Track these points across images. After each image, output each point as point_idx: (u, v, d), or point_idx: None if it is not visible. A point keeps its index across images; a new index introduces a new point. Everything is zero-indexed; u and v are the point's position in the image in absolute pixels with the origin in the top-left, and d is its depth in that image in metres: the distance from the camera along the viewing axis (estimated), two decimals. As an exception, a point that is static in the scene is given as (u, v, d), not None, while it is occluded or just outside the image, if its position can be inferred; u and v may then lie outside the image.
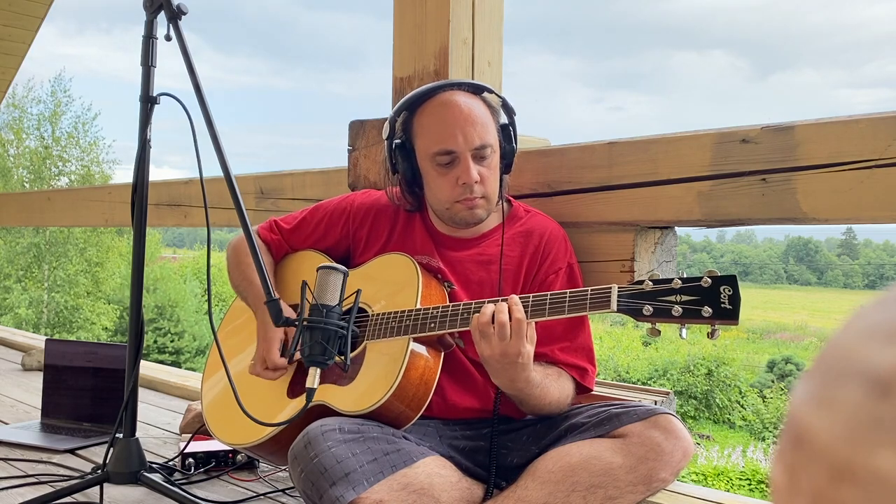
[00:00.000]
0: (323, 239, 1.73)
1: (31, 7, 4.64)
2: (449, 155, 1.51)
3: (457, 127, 1.50)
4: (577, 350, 1.56)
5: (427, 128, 1.54)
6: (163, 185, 3.32)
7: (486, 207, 1.56)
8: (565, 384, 1.53)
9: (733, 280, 1.22)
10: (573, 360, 1.55)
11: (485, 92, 1.59)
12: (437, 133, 1.52)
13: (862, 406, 0.26)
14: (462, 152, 1.50)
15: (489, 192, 1.55)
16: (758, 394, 23.24)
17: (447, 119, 1.51)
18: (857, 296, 63.93)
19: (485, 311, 1.34)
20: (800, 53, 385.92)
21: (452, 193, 1.53)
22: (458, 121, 1.51)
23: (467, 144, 1.50)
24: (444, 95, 1.55)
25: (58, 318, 21.92)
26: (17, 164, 22.83)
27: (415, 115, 1.57)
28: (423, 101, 1.56)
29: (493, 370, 1.38)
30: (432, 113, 1.54)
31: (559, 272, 1.60)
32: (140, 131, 1.65)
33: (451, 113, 1.52)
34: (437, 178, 1.54)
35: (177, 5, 1.55)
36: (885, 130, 1.34)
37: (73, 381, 2.42)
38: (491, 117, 1.56)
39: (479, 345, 1.35)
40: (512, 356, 1.32)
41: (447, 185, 1.53)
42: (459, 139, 1.50)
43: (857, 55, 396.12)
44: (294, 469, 1.34)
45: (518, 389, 1.40)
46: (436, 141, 1.52)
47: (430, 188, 1.58)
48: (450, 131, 1.50)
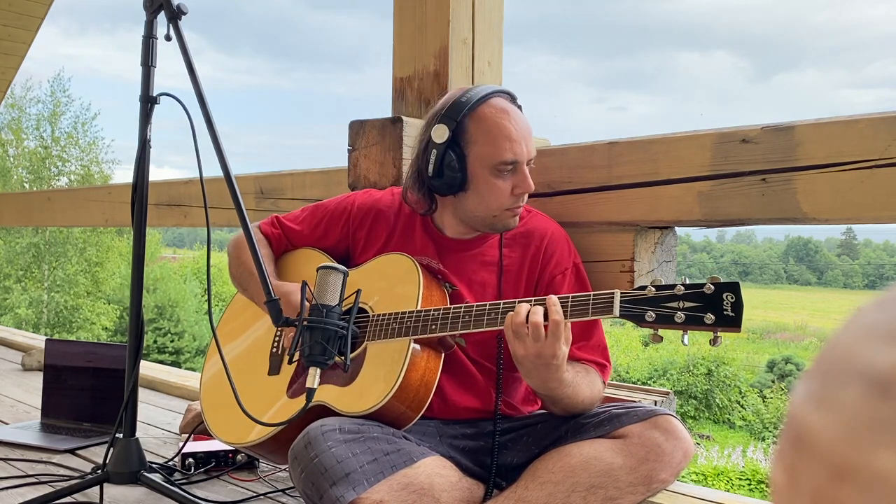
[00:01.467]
0: (323, 238, 1.73)
1: (31, 7, 4.64)
2: (512, 164, 1.51)
3: (521, 137, 1.52)
4: (593, 348, 1.56)
5: (488, 135, 1.51)
6: (163, 185, 3.32)
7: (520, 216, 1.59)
8: (595, 380, 1.52)
9: (736, 287, 1.22)
10: (592, 357, 1.55)
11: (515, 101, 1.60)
12: (502, 142, 1.50)
13: (862, 406, 0.26)
14: (522, 162, 1.52)
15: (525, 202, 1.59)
16: (758, 394, 23.24)
17: (510, 128, 1.51)
18: (857, 296, 63.95)
19: (519, 311, 1.33)
20: (803, 54, 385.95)
21: (507, 201, 1.53)
22: (521, 131, 1.52)
23: (528, 154, 1.53)
24: (499, 101, 1.54)
25: (58, 318, 21.92)
26: (16, 164, 22.84)
27: (469, 121, 1.53)
28: (476, 107, 1.53)
29: (525, 370, 1.36)
30: (492, 120, 1.52)
31: (566, 272, 1.60)
32: (140, 131, 1.65)
33: (512, 122, 1.52)
34: (493, 186, 1.52)
35: (177, 5, 1.56)
36: (885, 130, 1.34)
37: (73, 381, 2.42)
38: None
39: (512, 345, 1.34)
40: (547, 357, 1.31)
41: (503, 194, 1.53)
42: (523, 149, 1.52)
43: (859, 55, 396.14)
44: (294, 469, 1.34)
45: (550, 389, 1.39)
46: (501, 150, 1.50)
47: (482, 195, 1.54)
48: (514, 141, 1.51)
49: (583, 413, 1.50)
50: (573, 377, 1.42)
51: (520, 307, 1.33)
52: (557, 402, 1.45)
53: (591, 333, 1.56)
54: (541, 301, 1.34)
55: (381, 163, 2.13)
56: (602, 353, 1.58)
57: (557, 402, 1.45)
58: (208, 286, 1.59)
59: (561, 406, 1.47)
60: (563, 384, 1.38)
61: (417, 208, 1.64)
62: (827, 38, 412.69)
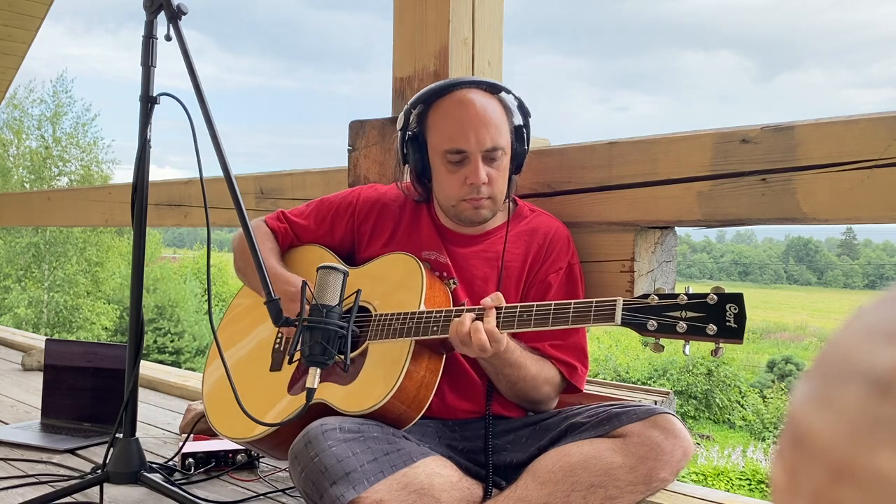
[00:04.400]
0: (329, 233, 1.74)
1: (31, 7, 4.64)
2: (460, 154, 1.52)
3: (470, 127, 1.51)
4: (568, 348, 1.56)
5: (441, 124, 1.55)
6: (163, 184, 3.32)
7: (491, 208, 1.57)
8: (546, 366, 1.54)
9: (739, 298, 1.21)
10: (563, 356, 1.56)
11: (502, 92, 1.59)
12: (451, 131, 1.53)
13: (862, 406, 0.26)
14: (473, 153, 1.51)
15: (496, 194, 1.56)
16: (758, 394, 23.24)
17: (462, 118, 1.52)
18: (857, 296, 63.93)
19: (464, 321, 1.38)
20: (807, 53, 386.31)
21: (460, 192, 1.55)
22: (472, 121, 1.51)
23: (479, 146, 1.51)
24: (462, 93, 1.55)
25: (57, 318, 21.92)
26: (16, 164, 22.84)
27: (430, 109, 1.57)
28: (440, 96, 1.56)
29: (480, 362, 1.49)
30: (448, 110, 1.54)
31: (560, 271, 1.60)
32: (140, 131, 1.65)
33: (467, 112, 1.52)
34: (445, 175, 1.55)
35: (177, 5, 1.56)
36: (885, 130, 1.34)
37: (73, 381, 2.42)
38: (505, 118, 1.57)
39: (461, 349, 1.41)
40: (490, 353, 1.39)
41: (455, 183, 1.54)
42: (472, 139, 1.51)
43: (864, 55, 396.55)
44: (294, 468, 1.34)
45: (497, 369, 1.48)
46: (448, 139, 1.53)
47: (439, 183, 1.59)
48: (463, 130, 1.51)
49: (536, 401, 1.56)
50: (519, 357, 1.47)
51: (464, 317, 1.39)
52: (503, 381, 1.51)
53: (567, 333, 1.55)
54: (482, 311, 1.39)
55: (381, 163, 2.14)
56: (577, 354, 1.58)
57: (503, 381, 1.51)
58: (208, 286, 1.59)
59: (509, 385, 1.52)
60: (510, 365, 1.47)
61: (410, 195, 1.69)
62: (831, 37, 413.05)
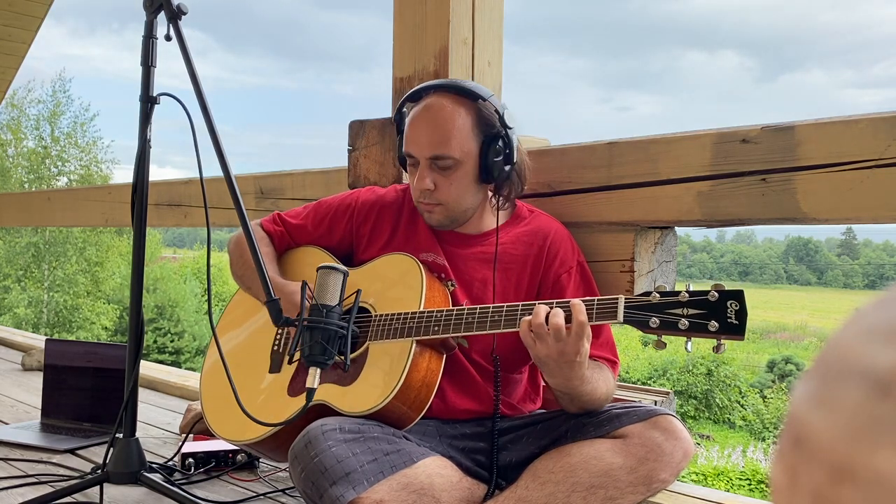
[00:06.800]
0: (328, 235, 1.73)
1: (31, 7, 4.64)
2: (411, 158, 1.57)
3: (422, 132, 1.54)
4: (603, 345, 1.56)
5: (406, 127, 1.59)
6: (163, 184, 3.32)
7: (445, 214, 1.58)
8: (608, 377, 1.52)
9: (741, 295, 1.22)
10: (602, 354, 1.55)
11: (479, 100, 1.54)
12: (407, 134, 1.57)
13: (862, 406, 0.26)
14: (420, 158, 1.55)
15: (447, 201, 1.56)
16: (758, 394, 23.23)
17: (417, 123, 1.55)
18: (857, 296, 63.94)
19: (538, 313, 1.31)
20: (809, 54, 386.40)
21: (415, 194, 1.60)
22: (424, 127, 1.54)
23: (422, 152, 1.54)
24: (429, 98, 1.57)
25: (57, 318, 21.90)
26: (15, 164, 22.82)
27: (406, 112, 1.61)
28: (412, 100, 1.61)
29: (549, 370, 1.35)
30: (413, 113, 1.58)
31: (571, 271, 1.60)
32: (140, 131, 1.65)
33: (423, 118, 1.55)
34: (408, 176, 1.63)
35: (177, 5, 1.55)
36: (885, 130, 1.34)
37: (73, 381, 2.42)
38: (471, 127, 1.53)
39: (533, 346, 1.32)
40: (570, 355, 1.30)
41: (412, 186, 1.60)
42: (418, 145, 1.54)
43: (866, 55, 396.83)
44: (294, 468, 1.34)
45: (572, 388, 1.38)
46: (405, 142, 1.58)
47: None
48: (415, 136, 1.55)
49: (596, 410, 1.49)
50: (591, 374, 1.42)
51: (538, 308, 1.32)
52: (576, 399, 1.43)
53: (600, 331, 1.56)
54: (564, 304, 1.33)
55: (381, 163, 2.14)
56: (611, 349, 1.58)
57: (576, 399, 1.43)
58: (208, 286, 1.59)
59: (579, 403, 1.45)
60: (584, 381, 1.38)
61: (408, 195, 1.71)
62: (833, 38, 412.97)
